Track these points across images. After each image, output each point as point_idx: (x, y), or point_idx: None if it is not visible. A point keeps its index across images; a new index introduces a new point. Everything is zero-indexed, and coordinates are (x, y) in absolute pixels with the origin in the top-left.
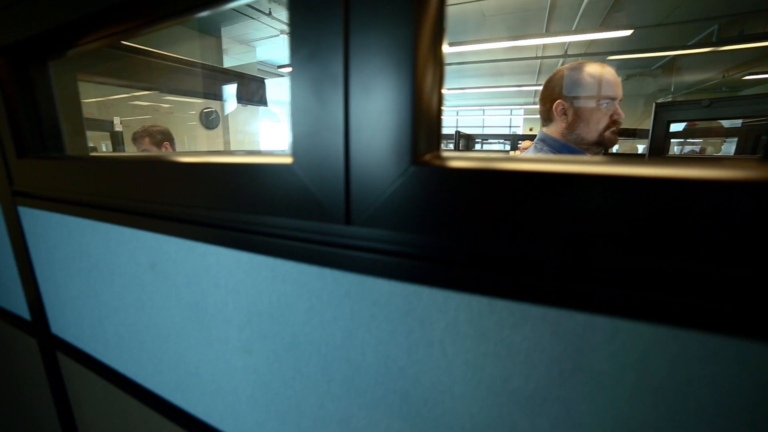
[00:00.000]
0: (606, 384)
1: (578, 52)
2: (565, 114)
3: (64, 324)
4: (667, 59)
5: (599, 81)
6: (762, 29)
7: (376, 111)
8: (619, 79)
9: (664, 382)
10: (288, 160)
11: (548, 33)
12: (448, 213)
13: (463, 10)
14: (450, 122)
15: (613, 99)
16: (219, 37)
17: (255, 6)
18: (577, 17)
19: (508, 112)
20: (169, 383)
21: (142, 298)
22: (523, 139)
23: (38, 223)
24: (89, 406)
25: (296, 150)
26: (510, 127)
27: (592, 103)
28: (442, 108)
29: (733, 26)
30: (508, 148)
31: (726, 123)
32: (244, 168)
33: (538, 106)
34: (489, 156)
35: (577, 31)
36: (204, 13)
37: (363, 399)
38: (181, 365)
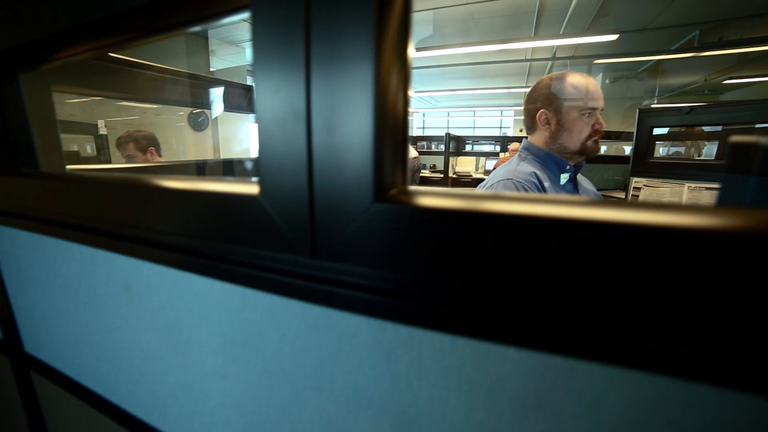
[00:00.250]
0: (565, 422)
1: (566, 55)
2: (548, 123)
3: (39, 343)
4: (651, 63)
5: (581, 91)
6: (740, 35)
7: (339, 148)
8: (600, 89)
9: (619, 422)
10: (255, 189)
11: (536, 36)
12: (410, 251)
13: (453, 13)
14: (441, 123)
15: (594, 109)
16: (206, 38)
17: None
18: (565, 21)
19: (499, 113)
20: (146, 405)
21: (117, 320)
22: (512, 141)
23: (8, 240)
24: (65, 427)
25: (263, 180)
26: (500, 128)
27: (574, 113)
28: (408, 143)
29: (714, 32)
30: (498, 149)
31: (707, 127)
32: (213, 197)
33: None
34: (454, 192)
35: (564, 35)
36: (182, 30)
37: (334, 427)
38: (158, 387)
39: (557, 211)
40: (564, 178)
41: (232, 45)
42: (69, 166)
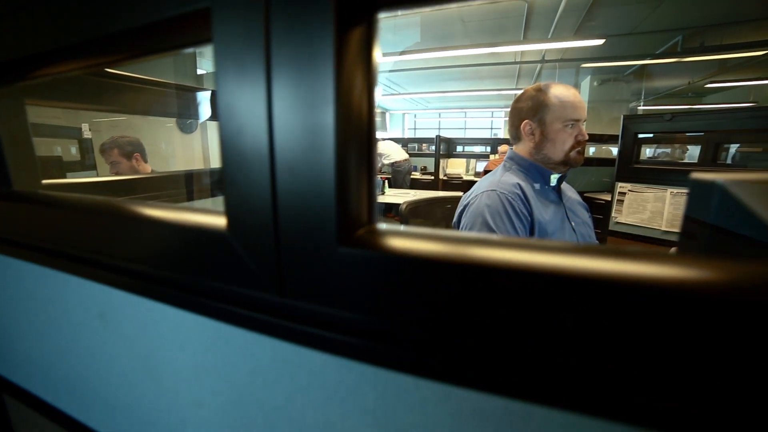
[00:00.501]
0: None
1: (555, 58)
2: (532, 134)
3: (12, 366)
4: (638, 66)
5: (564, 103)
6: (719, 41)
7: (301, 191)
8: (583, 101)
9: None
10: (223, 223)
11: (525, 40)
12: (374, 294)
13: (443, 16)
14: (432, 124)
15: (577, 120)
16: None
17: None
18: (553, 25)
19: (489, 114)
20: (123, 430)
21: (92, 345)
22: (502, 143)
23: None
24: None
25: (230, 216)
26: (491, 128)
27: (558, 125)
28: (376, 181)
29: (696, 38)
30: (488, 150)
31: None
32: (183, 230)
33: None
34: (421, 232)
35: (552, 39)
36: (150, 57)
37: None
38: (135, 413)
39: (521, 259)
40: (554, 178)
41: None
42: (45, 181)
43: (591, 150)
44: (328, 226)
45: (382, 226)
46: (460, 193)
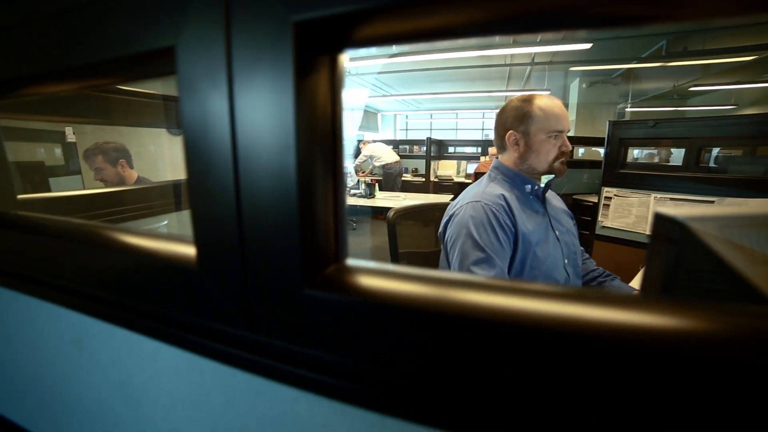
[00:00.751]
0: None
1: (544, 61)
2: (517, 144)
3: None
4: (624, 70)
5: (548, 114)
6: (701, 46)
7: (267, 230)
8: (566, 112)
9: None
10: (193, 254)
11: (514, 44)
12: (339, 334)
13: None
14: (424, 125)
15: (560, 132)
16: None
17: None
18: None
19: (481, 115)
20: None
21: (66, 370)
22: (492, 145)
23: None
24: None
25: (200, 251)
26: (482, 129)
27: (542, 136)
28: (342, 219)
29: (679, 42)
30: (479, 150)
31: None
32: (155, 261)
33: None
34: (387, 270)
35: (541, 43)
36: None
37: None
38: None
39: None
40: (545, 179)
41: None
42: (22, 196)
43: (580, 151)
44: (293, 265)
45: (351, 262)
46: (448, 198)
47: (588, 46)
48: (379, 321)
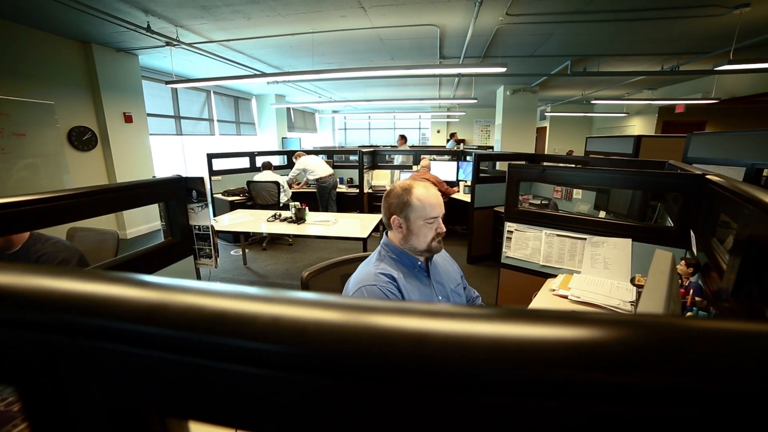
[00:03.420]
0: None
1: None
2: (400, 227)
3: None
4: (542, 80)
5: (425, 204)
6: (596, 68)
7: None
8: (441, 199)
9: None
10: None
11: (440, 65)
12: None
13: (361, 35)
14: (363, 125)
15: (436, 217)
16: (88, 43)
17: (132, 21)
18: (464, 48)
19: (417, 116)
20: None
21: None
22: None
23: None
24: None
25: None
26: (419, 128)
27: (420, 222)
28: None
29: (580, 63)
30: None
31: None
32: None
33: (443, 111)
34: None
35: (463, 65)
36: None
37: None
38: None
39: None
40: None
41: (120, 51)
42: None
43: (498, 165)
44: None
45: None
46: (361, 254)
47: (503, 69)
48: None
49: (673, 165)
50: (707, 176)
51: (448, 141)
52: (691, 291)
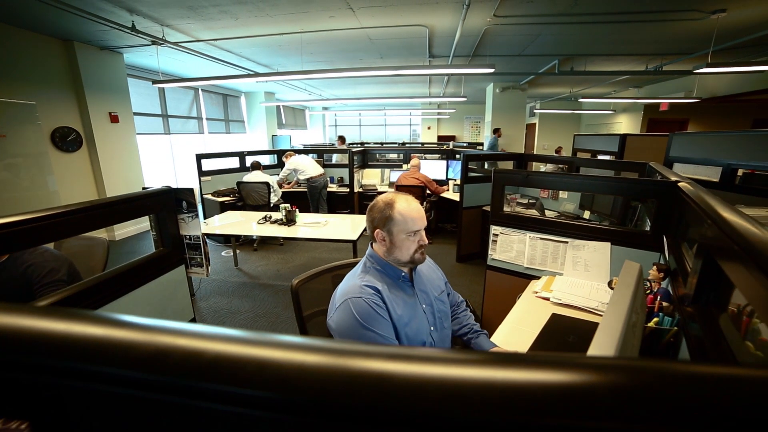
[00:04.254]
0: None
1: (459, 73)
2: (384, 240)
3: None
4: (531, 78)
5: (406, 218)
6: (583, 67)
7: None
8: (423, 213)
9: None
10: None
11: (429, 65)
12: None
13: (350, 35)
14: (354, 121)
15: (418, 231)
16: (70, 41)
17: (116, 21)
18: (453, 47)
19: (408, 113)
20: None
21: None
22: (414, 153)
23: None
24: None
25: None
26: (410, 125)
27: (402, 235)
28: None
29: (567, 63)
30: (401, 157)
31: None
32: None
33: (433, 108)
34: None
35: (452, 66)
36: None
37: None
38: None
39: None
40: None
41: (105, 50)
42: None
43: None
44: None
45: None
46: (350, 261)
47: (491, 70)
48: None
49: (653, 168)
50: (679, 184)
51: (491, 136)
52: (659, 297)
